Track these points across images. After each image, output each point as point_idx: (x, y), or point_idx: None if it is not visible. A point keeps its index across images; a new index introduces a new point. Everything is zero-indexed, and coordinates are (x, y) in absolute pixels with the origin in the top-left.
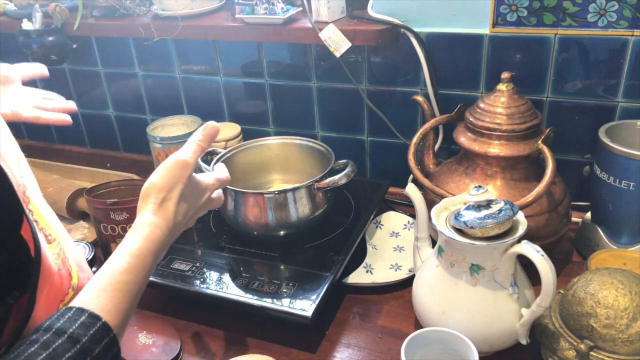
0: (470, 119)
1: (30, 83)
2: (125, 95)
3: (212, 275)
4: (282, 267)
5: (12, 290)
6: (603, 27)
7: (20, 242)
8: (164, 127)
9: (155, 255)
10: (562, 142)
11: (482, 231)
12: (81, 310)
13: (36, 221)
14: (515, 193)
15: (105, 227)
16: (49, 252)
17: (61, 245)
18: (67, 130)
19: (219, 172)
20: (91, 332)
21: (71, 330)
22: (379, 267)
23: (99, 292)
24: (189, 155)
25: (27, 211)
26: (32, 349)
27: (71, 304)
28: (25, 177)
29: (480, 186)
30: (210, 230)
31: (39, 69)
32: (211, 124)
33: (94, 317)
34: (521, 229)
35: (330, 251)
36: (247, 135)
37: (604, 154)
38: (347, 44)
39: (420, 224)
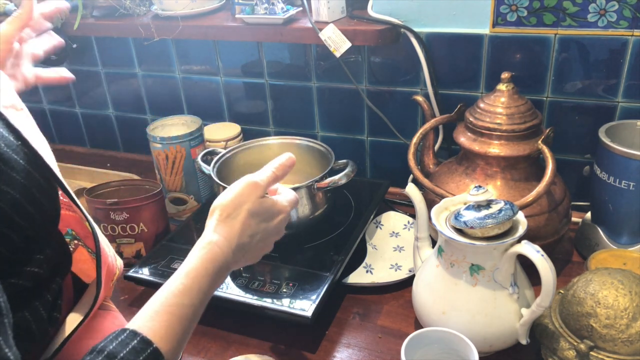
0: (470, 119)
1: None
2: (125, 95)
3: None
4: (282, 267)
5: (57, 274)
6: (603, 27)
7: (59, 233)
8: (164, 127)
9: (213, 276)
10: (562, 142)
11: (482, 231)
12: (134, 334)
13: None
14: (515, 193)
15: (105, 227)
16: (100, 236)
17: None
18: (67, 130)
19: (289, 194)
20: (140, 358)
21: (122, 355)
22: (379, 267)
23: (152, 315)
24: (262, 178)
25: (77, 201)
26: None
27: (127, 325)
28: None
29: (480, 186)
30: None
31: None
32: (288, 154)
33: (145, 342)
34: (521, 229)
35: (330, 251)
36: (247, 135)
37: (604, 154)
38: (347, 44)
39: (420, 224)
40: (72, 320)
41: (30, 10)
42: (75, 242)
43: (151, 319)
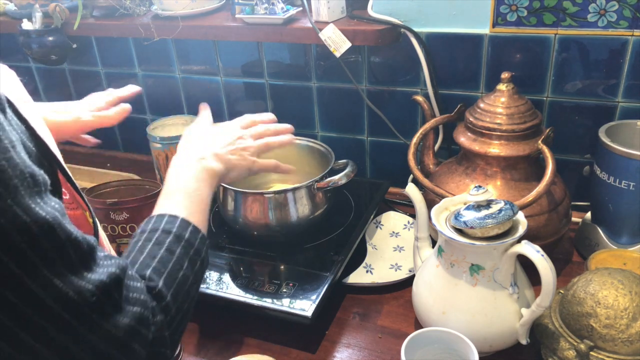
0: (470, 119)
1: (30, 82)
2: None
3: (212, 275)
4: (282, 267)
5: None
6: (603, 27)
7: None
8: (164, 127)
9: (187, 167)
10: (562, 142)
11: (482, 231)
12: (161, 215)
13: None
14: (515, 193)
15: (105, 227)
16: (101, 232)
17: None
18: None
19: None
20: (176, 224)
21: (162, 227)
22: (379, 267)
23: (165, 200)
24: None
25: (83, 196)
26: (140, 244)
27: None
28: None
29: (480, 186)
30: (210, 230)
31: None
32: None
33: (172, 217)
34: (521, 229)
35: (330, 251)
36: None
37: (604, 154)
38: (347, 44)
39: (420, 224)
40: None
41: (116, 120)
42: None
43: (165, 203)
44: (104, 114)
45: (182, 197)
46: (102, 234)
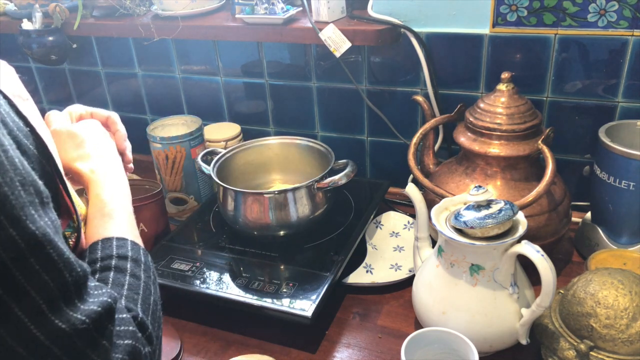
0: (470, 119)
1: (30, 82)
2: (125, 95)
3: (212, 275)
4: (282, 267)
5: None
6: (603, 27)
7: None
8: (164, 127)
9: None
10: (562, 142)
11: (482, 231)
12: (106, 239)
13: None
14: (515, 193)
15: None
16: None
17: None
18: None
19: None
20: (128, 247)
21: (115, 252)
22: (379, 267)
23: (97, 225)
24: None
25: (73, 197)
26: (101, 275)
27: (90, 242)
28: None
29: (480, 186)
30: (210, 230)
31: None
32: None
33: (120, 239)
34: (521, 229)
35: (330, 251)
36: (247, 135)
37: (604, 154)
38: (347, 44)
39: (420, 224)
40: None
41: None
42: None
43: (98, 227)
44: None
45: (106, 215)
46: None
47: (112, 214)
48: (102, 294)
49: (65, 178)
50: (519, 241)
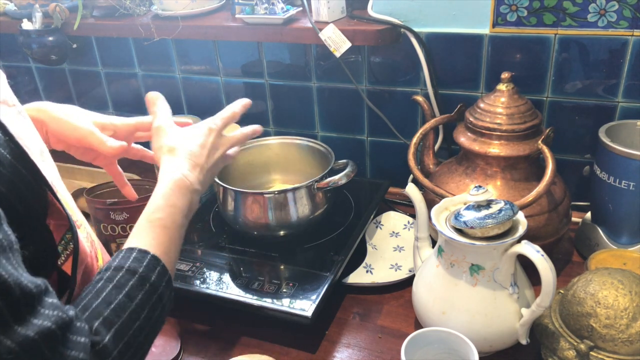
0: (470, 119)
1: (30, 82)
2: (125, 95)
3: (212, 275)
4: (282, 267)
5: (41, 271)
6: (603, 27)
7: (46, 229)
8: None
9: (183, 194)
10: (562, 142)
11: (482, 231)
12: (130, 249)
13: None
14: (515, 193)
15: (105, 227)
16: (80, 236)
17: (87, 229)
18: None
19: (223, 112)
20: (144, 263)
21: (127, 265)
22: (379, 267)
23: (140, 232)
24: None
25: (59, 198)
26: (99, 285)
27: (121, 249)
28: (50, 169)
29: (480, 186)
30: (210, 230)
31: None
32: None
33: (143, 252)
34: (521, 229)
35: (330, 251)
36: None
37: (604, 154)
38: (347, 44)
39: (420, 224)
40: None
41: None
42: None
43: (140, 236)
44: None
45: (158, 227)
46: (84, 239)
47: (148, 221)
48: (50, 316)
49: (54, 188)
50: (519, 241)
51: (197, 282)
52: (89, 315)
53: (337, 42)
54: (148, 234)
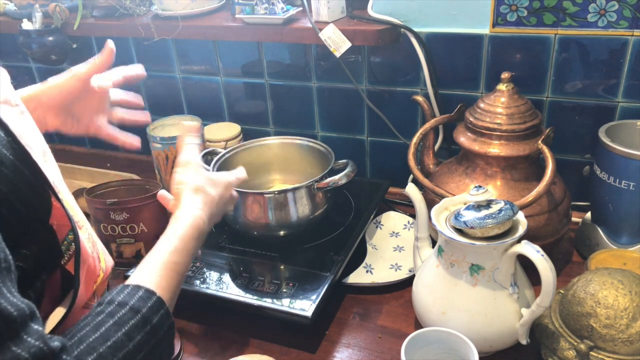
0: (470, 119)
1: (30, 83)
2: None
3: (212, 275)
4: (282, 267)
5: (43, 270)
6: (603, 27)
7: (49, 230)
8: (164, 127)
9: (197, 240)
10: (562, 142)
11: (482, 231)
12: (138, 287)
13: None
14: (515, 193)
15: (105, 227)
16: (82, 237)
17: (89, 230)
18: None
19: (238, 172)
20: (149, 304)
21: (132, 302)
22: (379, 267)
23: (151, 270)
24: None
25: (61, 199)
26: (100, 318)
27: (127, 282)
28: (52, 169)
29: (480, 186)
30: (210, 230)
31: (135, 71)
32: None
33: (149, 293)
34: (521, 229)
35: (330, 251)
36: (247, 135)
37: (604, 154)
38: (347, 44)
39: (420, 224)
40: (56, 315)
41: (107, 61)
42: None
43: (150, 274)
44: (94, 59)
45: (171, 270)
46: (86, 239)
47: (159, 259)
48: (30, 346)
49: (55, 189)
50: (519, 241)
51: (197, 282)
52: (83, 349)
53: (337, 42)
54: (158, 273)
